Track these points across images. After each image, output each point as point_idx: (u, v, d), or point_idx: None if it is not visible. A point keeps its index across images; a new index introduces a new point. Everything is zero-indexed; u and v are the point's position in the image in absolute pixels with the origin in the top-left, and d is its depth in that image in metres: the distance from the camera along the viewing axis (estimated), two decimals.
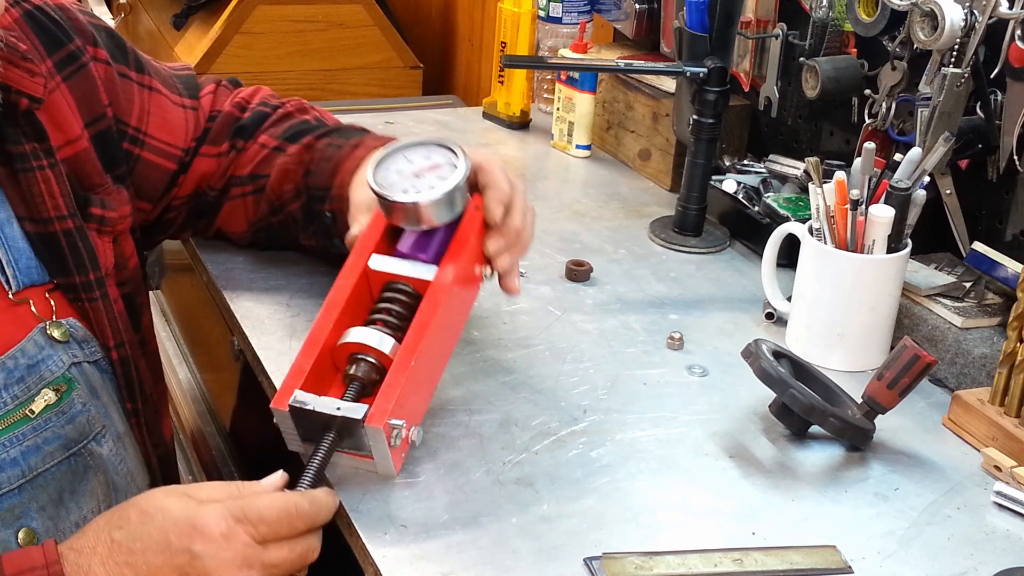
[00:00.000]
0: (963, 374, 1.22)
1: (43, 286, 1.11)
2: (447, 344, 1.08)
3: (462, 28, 2.90)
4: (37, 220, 1.10)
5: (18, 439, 1.05)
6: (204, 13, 2.76)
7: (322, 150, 1.28)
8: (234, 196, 1.33)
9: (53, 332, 1.09)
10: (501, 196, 1.09)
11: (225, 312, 1.32)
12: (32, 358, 1.07)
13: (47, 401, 1.07)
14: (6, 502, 1.04)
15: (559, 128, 1.85)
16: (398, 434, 0.98)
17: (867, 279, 1.24)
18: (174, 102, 1.29)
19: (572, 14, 1.96)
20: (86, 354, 1.12)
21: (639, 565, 0.94)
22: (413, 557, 0.94)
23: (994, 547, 1.00)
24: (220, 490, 0.96)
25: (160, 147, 1.27)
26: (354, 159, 1.23)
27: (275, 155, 1.31)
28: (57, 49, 1.16)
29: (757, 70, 1.64)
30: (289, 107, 1.36)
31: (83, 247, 1.12)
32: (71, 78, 1.16)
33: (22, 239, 1.10)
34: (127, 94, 1.23)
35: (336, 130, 1.33)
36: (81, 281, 1.12)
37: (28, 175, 1.09)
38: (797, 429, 1.13)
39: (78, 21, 1.20)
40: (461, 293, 1.08)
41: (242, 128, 1.33)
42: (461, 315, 1.10)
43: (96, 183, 1.17)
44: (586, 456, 1.08)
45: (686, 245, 1.53)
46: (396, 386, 0.98)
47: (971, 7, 1.27)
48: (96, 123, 1.19)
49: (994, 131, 1.31)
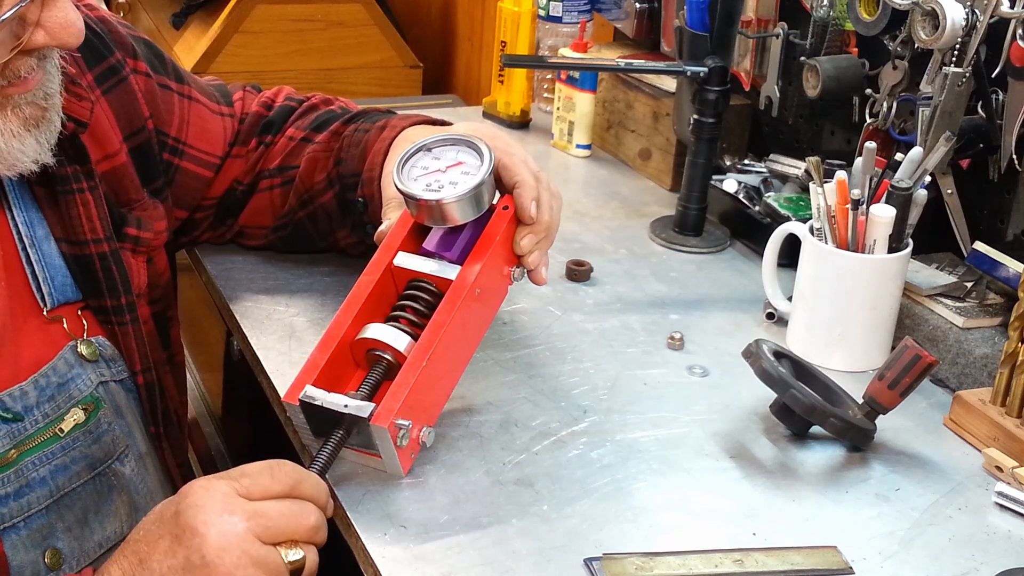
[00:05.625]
0: (964, 374, 1.22)
1: (76, 304, 1.11)
2: (467, 345, 1.07)
3: (462, 27, 2.90)
4: (73, 242, 1.10)
5: (48, 457, 1.05)
6: (203, 12, 2.75)
7: (350, 136, 1.28)
8: (262, 189, 1.33)
9: (82, 350, 1.10)
10: (531, 193, 1.08)
11: (225, 312, 1.32)
12: (63, 376, 1.07)
13: (76, 420, 1.07)
14: (35, 522, 1.05)
15: (559, 128, 1.85)
16: (404, 434, 0.98)
17: (868, 279, 1.24)
18: (213, 111, 1.29)
19: (572, 13, 1.96)
20: (113, 373, 1.13)
21: (639, 566, 0.93)
22: (413, 558, 0.93)
23: (995, 548, 1.00)
24: None
25: (200, 156, 1.27)
26: (382, 141, 1.23)
27: (303, 145, 1.31)
28: (98, 63, 1.16)
29: (758, 69, 1.64)
30: (315, 100, 1.36)
31: (116, 271, 1.13)
32: (111, 92, 1.17)
33: (59, 257, 1.10)
34: (167, 105, 1.24)
35: (362, 114, 1.32)
36: (112, 305, 1.13)
37: (68, 197, 1.10)
38: (798, 429, 1.13)
39: (118, 33, 1.20)
40: (485, 293, 1.07)
41: (269, 124, 1.33)
42: (485, 316, 1.09)
43: (133, 199, 1.18)
44: (586, 456, 1.08)
45: (686, 245, 1.53)
46: (405, 386, 0.98)
47: (972, 6, 1.27)
48: (135, 136, 1.19)
49: (995, 130, 1.31)
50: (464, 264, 1.05)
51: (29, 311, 1.07)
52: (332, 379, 1.02)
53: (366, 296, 1.05)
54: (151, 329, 1.19)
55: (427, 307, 1.05)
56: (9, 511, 1.02)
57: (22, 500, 1.03)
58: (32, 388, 1.05)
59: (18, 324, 1.06)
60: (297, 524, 0.91)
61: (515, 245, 1.09)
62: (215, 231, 1.36)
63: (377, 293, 1.06)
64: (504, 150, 1.10)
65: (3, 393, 1.03)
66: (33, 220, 1.09)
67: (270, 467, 0.93)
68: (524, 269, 1.11)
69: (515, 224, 1.09)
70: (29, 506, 1.04)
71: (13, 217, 1.08)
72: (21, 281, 1.07)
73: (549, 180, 1.13)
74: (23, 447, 1.03)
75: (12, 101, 0.98)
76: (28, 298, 1.08)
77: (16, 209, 1.08)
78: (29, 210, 1.09)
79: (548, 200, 1.11)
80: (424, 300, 1.05)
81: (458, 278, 1.04)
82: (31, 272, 1.08)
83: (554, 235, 1.13)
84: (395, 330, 1.03)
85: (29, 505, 1.04)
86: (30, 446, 1.04)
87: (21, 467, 1.03)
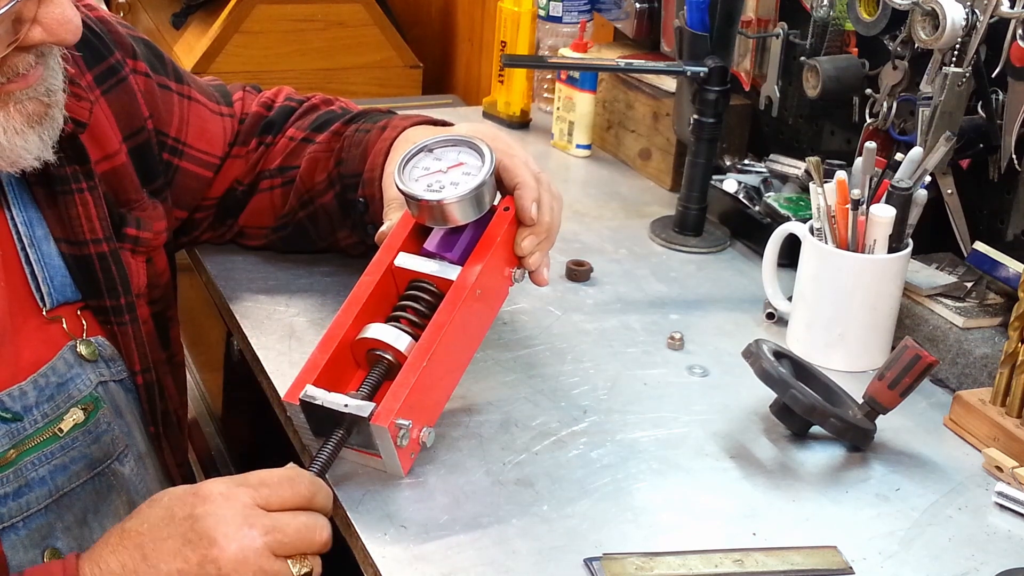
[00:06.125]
0: (964, 374, 1.22)
1: (75, 304, 1.11)
2: (468, 345, 1.07)
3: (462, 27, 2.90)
4: (73, 242, 1.10)
5: (47, 457, 1.05)
6: (203, 12, 2.75)
7: (351, 136, 1.28)
8: (263, 190, 1.33)
9: (82, 350, 1.10)
10: (532, 194, 1.09)
11: (224, 312, 1.32)
12: (62, 376, 1.07)
13: (75, 420, 1.07)
14: (35, 522, 1.05)
15: (559, 128, 1.85)
16: (404, 434, 0.98)
17: (868, 279, 1.24)
18: (212, 111, 1.30)
19: (572, 13, 1.96)
20: (112, 373, 1.13)
21: (639, 566, 0.93)
22: (413, 558, 0.93)
23: (995, 548, 1.00)
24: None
25: (199, 156, 1.27)
26: (383, 141, 1.23)
27: (304, 146, 1.31)
28: (97, 63, 1.16)
29: (758, 69, 1.64)
30: (315, 100, 1.37)
31: (116, 271, 1.13)
32: (110, 92, 1.17)
33: (58, 257, 1.10)
34: (167, 105, 1.24)
35: (363, 114, 1.32)
36: (112, 305, 1.13)
37: (67, 197, 1.10)
38: (798, 429, 1.13)
39: (118, 34, 1.20)
40: (486, 294, 1.07)
41: (270, 124, 1.33)
42: (485, 317, 1.09)
43: (132, 199, 1.18)
44: (586, 456, 1.08)
45: (686, 245, 1.53)
46: (406, 386, 0.98)
47: (972, 6, 1.27)
48: (135, 136, 1.19)
49: (995, 131, 1.31)
50: (465, 265, 1.06)
51: (28, 311, 1.07)
52: (333, 379, 1.02)
53: (367, 296, 1.05)
54: (151, 329, 1.19)
55: (428, 307, 1.05)
56: (8, 511, 1.02)
57: (21, 500, 1.03)
58: (31, 388, 1.05)
59: (17, 324, 1.06)
60: (312, 540, 0.92)
61: (516, 246, 1.09)
62: (215, 231, 1.36)
63: (378, 293, 1.06)
64: (505, 151, 1.10)
65: (2, 393, 1.03)
66: (32, 220, 1.09)
67: (291, 480, 0.94)
68: (525, 270, 1.11)
69: (516, 225, 1.09)
70: (28, 506, 1.04)
71: (12, 217, 1.08)
72: (20, 281, 1.07)
73: (550, 181, 1.13)
74: (22, 447, 1.03)
75: (14, 97, 0.98)
76: (27, 298, 1.08)
77: (15, 209, 1.08)
78: (28, 210, 1.09)
79: (549, 201, 1.11)
80: (425, 300, 1.05)
81: (459, 278, 1.05)
82: (30, 272, 1.08)
83: (555, 236, 1.13)
84: (396, 330, 1.03)
85: (28, 505, 1.04)
86: (29, 446, 1.04)
87: (20, 467, 1.03)
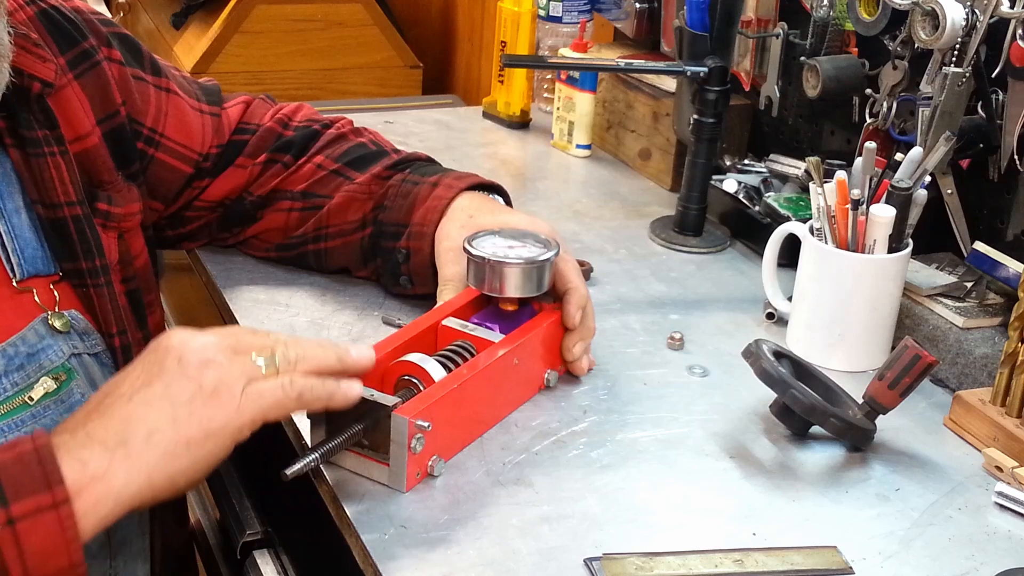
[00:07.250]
0: (964, 374, 1.22)
1: (48, 277, 1.11)
2: (493, 402, 1.10)
3: (462, 27, 2.90)
4: (47, 205, 1.10)
5: (17, 425, 1.05)
6: (203, 12, 2.75)
7: (397, 185, 1.30)
8: (281, 209, 1.34)
9: (54, 322, 1.09)
10: (580, 301, 1.16)
11: (225, 312, 1.32)
12: (32, 347, 1.07)
13: (46, 389, 1.07)
14: None
15: (559, 128, 1.85)
16: (420, 439, 0.98)
17: (868, 279, 1.24)
18: (192, 106, 1.30)
19: (572, 13, 1.96)
20: (86, 346, 1.12)
21: (639, 566, 0.93)
22: (413, 557, 0.93)
23: (995, 548, 1.00)
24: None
25: (176, 149, 1.28)
26: (436, 199, 1.26)
27: (335, 179, 1.32)
28: (70, 47, 1.16)
29: (758, 69, 1.64)
30: (342, 127, 1.37)
31: (91, 234, 1.13)
32: (84, 76, 1.17)
33: (30, 229, 1.10)
34: (143, 95, 1.24)
35: (407, 162, 1.34)
36: (88, 267, 1.13)
37: (40, 160, 1.10)
38: (798, 429, 1.13)
39: (92, 23, 1.21)
40: (521, 369, 1.12)
41: (289, 144, 1.34)
42: (512, 393, 1.13)
43: (105, 180, 1.18)
44: (586, 456, 1.08)
45: (686, 245, 1.53)
46: (433, 395, 1.00)
47: (972, 6, 1.27)
48: (109, 120, 1.19)
49: (995, 131, 1.31)
50: (508, 336, 1.11)
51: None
52: None
53: (409, 337, 1.09)
54: (126, 304, 1.18)
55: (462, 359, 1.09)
56: None
57: None
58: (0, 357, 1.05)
59: None
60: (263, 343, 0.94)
61: (566, 351, 1.17)
62: (218, 235, 1.37)
63: (419, 339, 1.10)
64: (562, 256, 1.17)
65: None
66: (3, 192, 1.09)
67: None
68: (558, 376, 1.18)
69: (559, 327, 1.16)
70: None
71: None
72: None
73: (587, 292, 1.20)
74: None
75: None
76: None
77: None
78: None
79: (591, 307, 1.19)
80: (465, 351, 1.09)
81: (501, 341, 1.10)
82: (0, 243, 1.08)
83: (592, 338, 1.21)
84: (434, 361, 1.05)
85: None
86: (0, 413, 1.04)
87: None
